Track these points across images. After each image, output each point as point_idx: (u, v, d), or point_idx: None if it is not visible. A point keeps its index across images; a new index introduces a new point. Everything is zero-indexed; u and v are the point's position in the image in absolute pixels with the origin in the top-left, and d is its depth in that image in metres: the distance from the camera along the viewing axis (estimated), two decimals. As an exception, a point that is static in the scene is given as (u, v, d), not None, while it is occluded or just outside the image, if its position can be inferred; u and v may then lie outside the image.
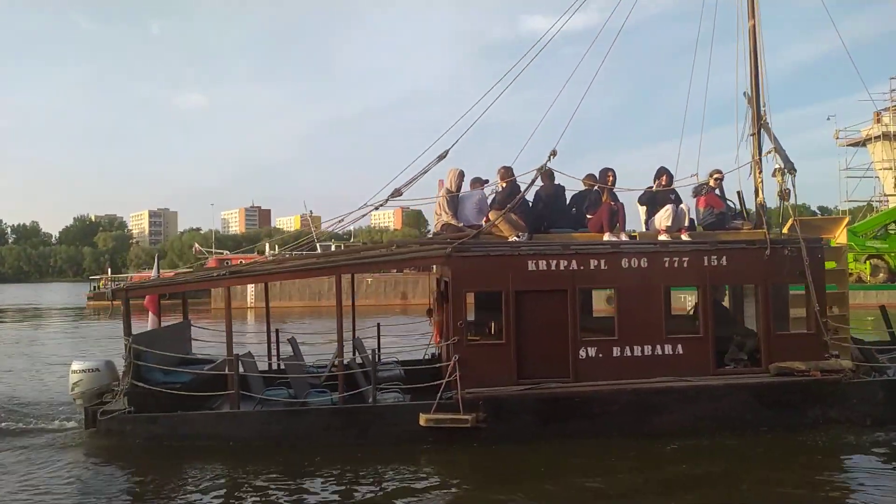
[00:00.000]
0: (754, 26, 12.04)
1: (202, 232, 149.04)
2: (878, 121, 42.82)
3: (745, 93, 12.37)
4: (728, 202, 11.77)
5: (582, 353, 9.97)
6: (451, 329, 9.93)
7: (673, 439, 9.59)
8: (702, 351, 10.21)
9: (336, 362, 10.46)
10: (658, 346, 10.10)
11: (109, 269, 79.19)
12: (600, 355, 10.02)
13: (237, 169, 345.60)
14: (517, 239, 10.18)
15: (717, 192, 11.60)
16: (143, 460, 9.59)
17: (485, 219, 10.74)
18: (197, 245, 75.69)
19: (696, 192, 11.60)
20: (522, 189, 10.59)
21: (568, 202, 11.34)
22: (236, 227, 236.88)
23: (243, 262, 59.34)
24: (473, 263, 9.97)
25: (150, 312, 11.87)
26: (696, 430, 9.74)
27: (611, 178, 10.98)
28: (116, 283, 60.24)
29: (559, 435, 9.64)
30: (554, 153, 10.47)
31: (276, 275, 11.77)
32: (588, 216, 10.93)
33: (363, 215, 11.87)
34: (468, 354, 9.76)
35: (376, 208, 11.33)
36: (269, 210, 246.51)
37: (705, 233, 10.92)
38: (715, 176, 11.56)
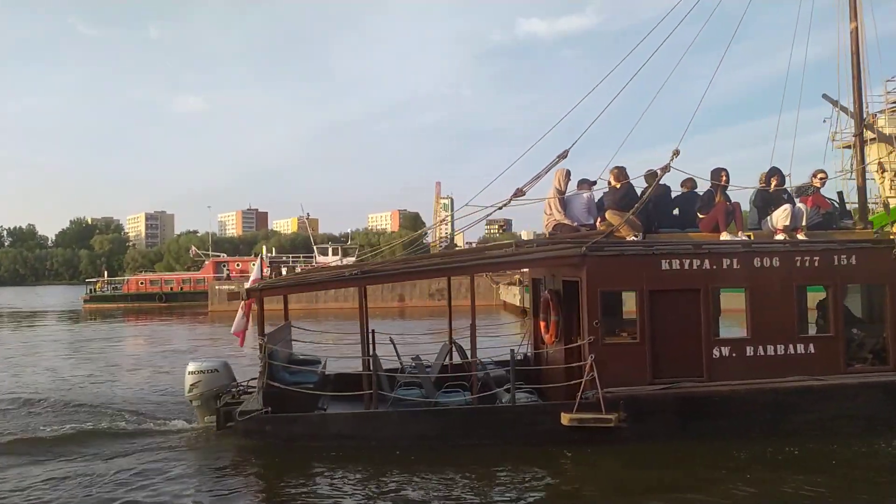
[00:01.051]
0: (856, 28, 11.81)
1: (199, 234, 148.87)
2: (874, 123, 42.94)
3: (824, 95, 12.32)
4: (833, 202, 11.75)
5: (715, 352, 9.98)
6: (586, 329, 9.83)
7: (808, 440, 9.56)
8: (833, 350, 10.25)
9: (462, 363, 10.66)
10: (791, 346, 10.12)
11: (106, 272, 78.98)
12: (734, 354, 10.02)
13: (234, 172, 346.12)
14: (635, 239, 10.19)
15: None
16: (285, 460, 9.57)
17: (598, 218, 10.75)
18: (194, 248, 75.43)
19: (802, 193, 11.59)
20: (639, 189, 10.63)
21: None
22: (233, 229, 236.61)
23: (240, 265, 58.61)
24: (608, 263, 9.96)
25: (240, 312, 11.73)
26: (831, 430, 9.71)
27: (724, 178, 10.98)
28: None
29: (697, 435, 9.63)
30: (677, 152, 10.40)
31: (408, 275, 11.74)
32: (700, 216, 10.91)
33: (486, 216, 11.81)
34: (604, 354, 9.72)
35: (500, 208, 11.39)
36: (266, 213, 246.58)
37: (816, 232, 10.94)
38: (819, 176, 11.54)
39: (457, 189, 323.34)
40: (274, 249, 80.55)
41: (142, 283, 58.98)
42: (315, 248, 66.81)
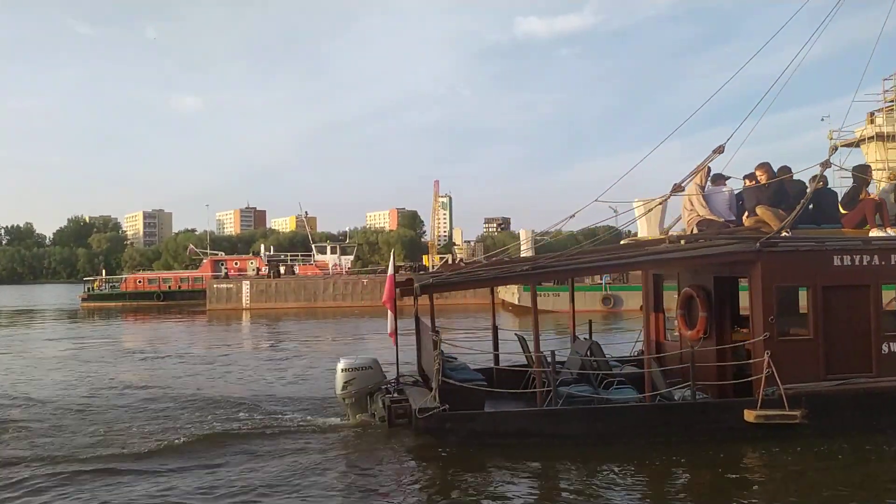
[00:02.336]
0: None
1: (197, 233, 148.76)
2: (872, 121, 42.98)
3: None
4: None
5: (884, 348, 10.00)
6: (761, 325, 9.84)
7: None
8: None
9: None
10: None
11: (104, 271, 78.83)
12: None
13: (232, 170, 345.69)
14: (787, 235, 10.15)
15: None
16: (464, 456, 9.54)
17: (746, 214, 10.78)
18: (192, 246, 75.39)
19: None
20: (798, 186, 10.66)
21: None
22: (231, 228, 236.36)
23: (238, 263, 58.69)
24: (783, 259, 9.97)
25: (388, 311, 11.65)
26: None
27: (870, 174, 11.07)
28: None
29: (869, 430, 9.70)
30: (835, 148, 10.61)
31: (578, 271, 11.70)
32: (843, 211, 10.89)
33: (645, 212, 11.77)
34: (779, 350, 9.71)
35: (659, 203, 11.43)
36: (265, 211, 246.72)
37: None
38: None
39: (455, 188, 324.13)
40: (272, 248, 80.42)
41: (140, 282, 58.92)
42: (313, 246, 66.77)
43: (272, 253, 69.55)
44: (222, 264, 60.63)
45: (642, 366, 11.01)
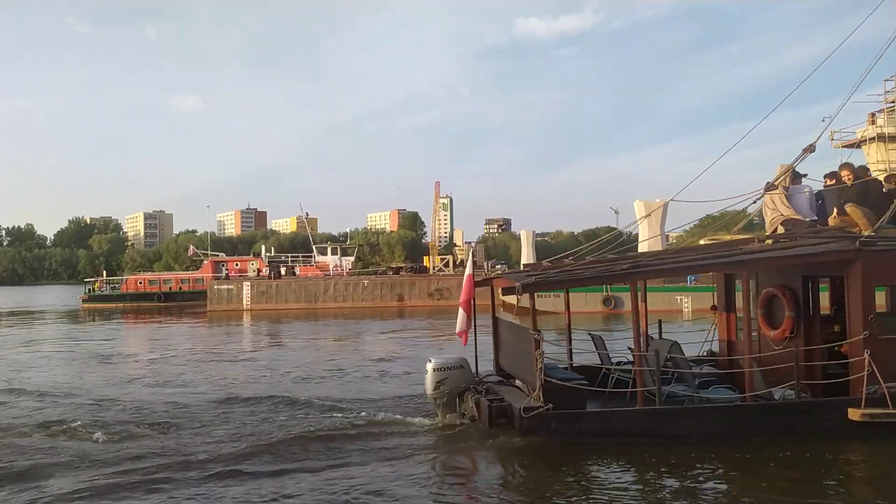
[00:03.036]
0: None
1: (198, 234, 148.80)
2: (873, 122, 42.96)
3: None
4: None
5: None
6: (860, 324, 9.85)
7: None
8: None
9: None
10: None
11: (105, 272, 78.90)
12: None
13: (233, 171, 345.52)
14: (873, 234, 10.22)
15: None
16: (570, 455, 9.59)
17: (835, 212, 10.87)
18: (192, 247, 75.38)
19: None
20: (876, 186, 10.80)
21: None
22: (232, 229, 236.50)
23: (238, 264, 58.82)
24: (882, 257, 10.00)
25: (461, 310, 11.66)
26: None
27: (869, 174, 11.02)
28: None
29: None
30: None
31: (678, 270, 11.67)
32: None
33: (755, 199, 11.85)
34: (879, 349, 9.72)
35: (754, 202, 11.49)
36: (265, 212, 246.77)
37: None
38: None
39: (456, 188, 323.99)
40: (273, 249, 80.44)
41: (140, 283, 58.93)
42: (314, 247, 66.79)
43: (273, 254, 69.57)
44: (223, 265, 60.66)
45: (719, 366, 11.18)
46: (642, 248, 64.57)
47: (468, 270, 12.31)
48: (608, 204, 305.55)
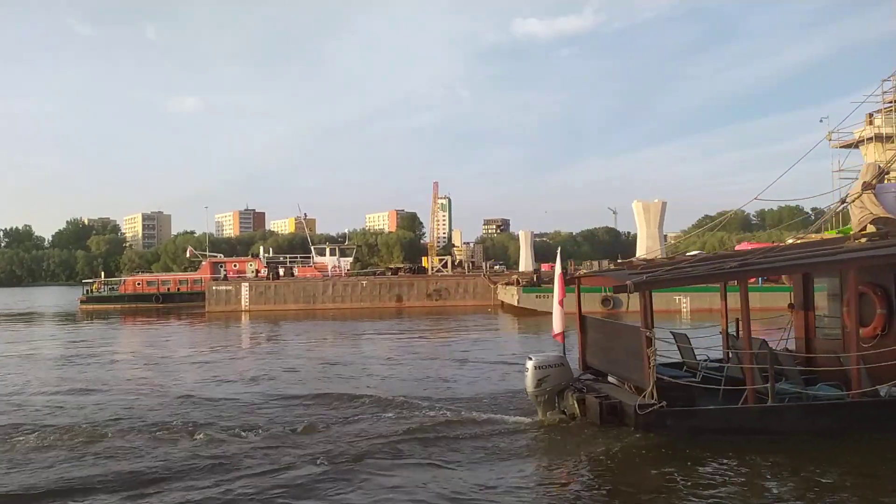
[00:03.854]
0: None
1: (196, 235, 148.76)
2: (871, 122, 43.04)
3: None
4: None
5: None
6: None
7: None
8: None
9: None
10: None
11: (103, 273, 78.82)
12: None
13: (231, 172, 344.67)
14: None
15: None
16: (686, 452, 9.61)
17: None
18: (191, 248, 75.33)
19: None
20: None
21: None
22: (230, 230, 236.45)
23: (237, 265, 58.76)
24: None
25: (559, 310, 11.87)
26: None
27: None
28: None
29: None
30: None
31: (791, 268, 11.68)
32: None
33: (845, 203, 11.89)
34: None
35: (851, 202, 11.42)
36: (263, 213, 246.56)
37: None
38: None
39: (454, 189, 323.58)
40: (271, 250, 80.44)
41: (139, 284, 58.87)
42: (312, 248, 66.78)
43: (271, 255, 69.58)
44: (221, 266, 60.61)
45: (802, 363, 11.32)
46: (640, 248, 64.56)
47: (558, 269, 12.51)
48: (607, 204, 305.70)
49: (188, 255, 75.07)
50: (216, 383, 17.02)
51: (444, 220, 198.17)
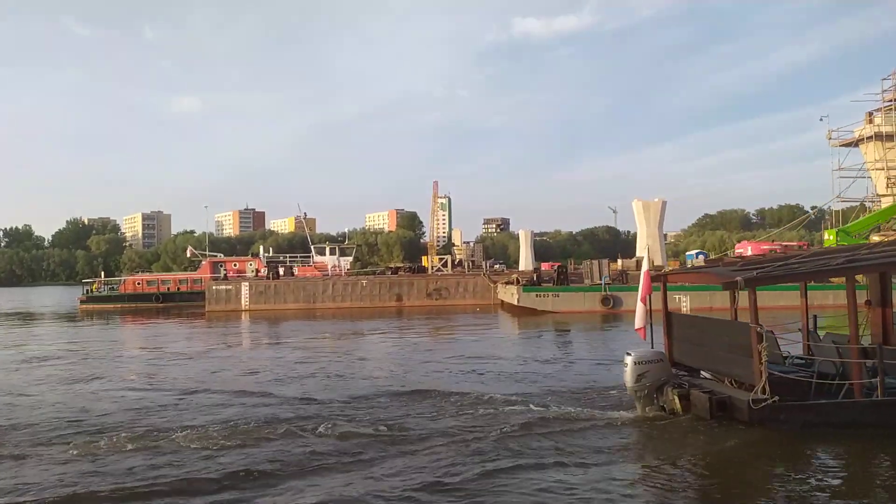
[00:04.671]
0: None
1: (196, 235, 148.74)
2: (870, 121, 43.06)
3: None
4: None
5: None
6: None
7: None
8: None
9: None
10: None
11: (103, 273, 78.77)
12: None
13: (231, 172, 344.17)
14: None
15: None
16: (803, 446, 9.84)
17: None
18: (191, 248, 75.28)
19: None
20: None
21: None
22: (230, 229, 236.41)
23: (237, 265, 58.71)
24: None
25: (641, 305, 12.22)
26: None
27: None
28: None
29: None
30: None
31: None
32: None
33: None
34: None
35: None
36: (263, 212, 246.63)
37: None
38: None
39: (454, 188, 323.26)
40: (271, 249, 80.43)
41: (139, 284, 58.84)
42: (312, 247, 66.78)
43: (271, 254, 69.57)
44: (221, 266, 60.59)
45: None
46: (640, 247, 64.50)
47: (645, 266, 12.76)
48: (606, 203, 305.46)
49: (188, 254, 75.04)
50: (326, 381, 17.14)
51: (443, 220, 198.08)
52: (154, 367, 20.49)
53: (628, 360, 11.41)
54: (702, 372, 12.29)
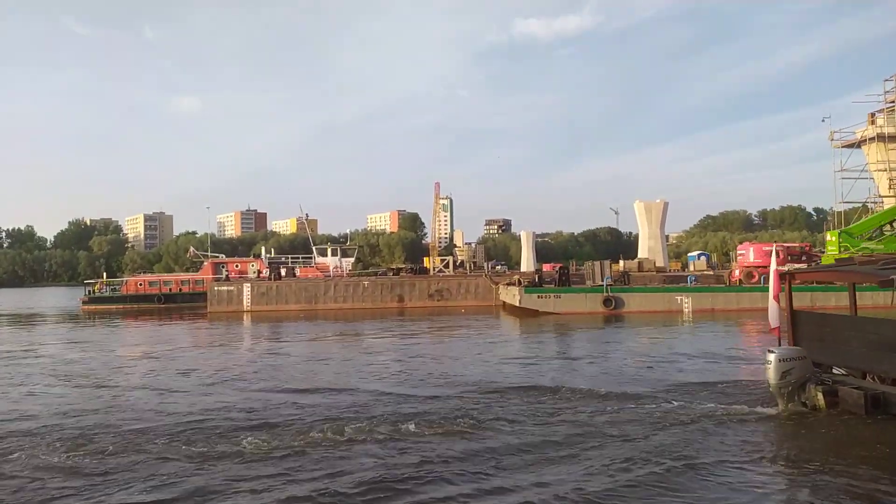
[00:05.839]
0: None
1: (198, 235, 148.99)
2: (873, 122, 42.96)
3: None
4: None
5: None
6: None
7: None
8: None
9: None
10: None
11: (105, 274, 78.88)
12: None
13: (233, 173, 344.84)
14: None
15: None
16: None
17: None
18: (192, 249, 75.41)
19: None
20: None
21: None
22: (232, 230, 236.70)
23: (239, 265, 58.81)
24: None
25: (773, 304, 12.51)
26: None
27: None
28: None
29: None
30: None
31: None
32: None
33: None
34: None
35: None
36: (265, 213, 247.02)
37: None
38: None
39: (456, 189, 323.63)
40: (273, 250, 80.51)
41: (140, 285, 58.88)
42: (314, 248, 66.81)
43: (273, 255, 69.63)
44: (223, 267, 60.65)
45: None
46: (642, 248, 64.35)
47: (773, 266, 12.94)
48: (608, 204, 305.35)
49: (190, 255, 75.18)
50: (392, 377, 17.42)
51: (445, 221, 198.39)
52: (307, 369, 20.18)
53: (771, 357, 11.54)
54: (834, 368, 12.50)
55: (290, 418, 12.46)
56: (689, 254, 75.48)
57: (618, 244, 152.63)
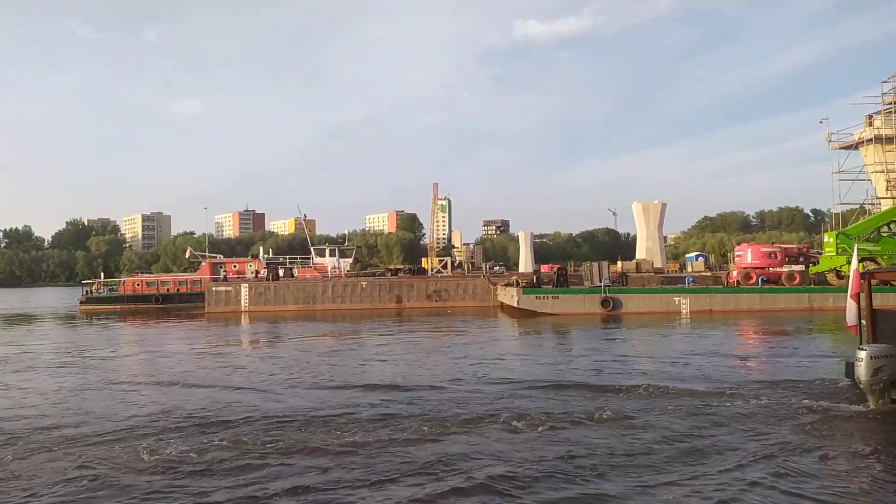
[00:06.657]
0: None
1: (196, 236, 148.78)
2: (870, 124, 43.08)
3: None
4: None
5: None
6: None
7: None
8: None
9: None
10: None
11: (102, 274, 78.73)
12: None
13: (231, 173, 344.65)
14: None
15: None
16: None
17: None
18: (190, 249, 75.30)
19: None
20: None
21: None
22: (230, 231, 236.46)
23: (237, 266, 58.72)
24: None
25: (851, 302, 12.65)
26: None
27: None
28: (105, 287, 60.12)
29: None
30: None
31: None
32: None
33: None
34: None
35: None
36: (263, 214, 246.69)
37: None
38: None
39: (454, 190, 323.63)
40: (271, 251, 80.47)
41: (138, 285, 58.79)
42: (312, 249, 66.75)
43: (271, 256, 69.55)
44: (221, 267, 60.58)
45: None
46: (640, 249, 64.34)
47: (854, 264, 13.15)
48: (607, 206, 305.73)
49: (188, 255, 74.92)
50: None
51: (443, 222, 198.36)
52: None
53: (862, 354, 11.60)
54: None
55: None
56: (687, 255, 75.51)
57: (616, 245, 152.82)
